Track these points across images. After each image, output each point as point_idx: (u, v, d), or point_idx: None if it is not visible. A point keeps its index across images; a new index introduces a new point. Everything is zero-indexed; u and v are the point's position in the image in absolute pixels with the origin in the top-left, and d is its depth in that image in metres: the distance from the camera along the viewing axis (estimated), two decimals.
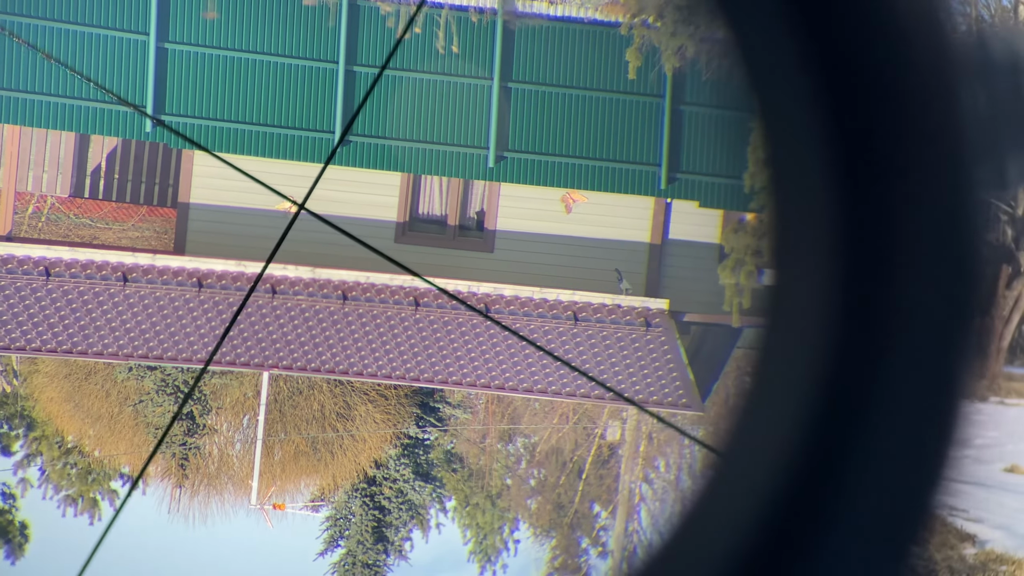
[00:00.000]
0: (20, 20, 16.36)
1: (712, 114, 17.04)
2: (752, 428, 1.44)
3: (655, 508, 26.03)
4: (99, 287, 16.97)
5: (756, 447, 1.42)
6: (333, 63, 16.75)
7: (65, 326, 16.77)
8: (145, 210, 19.91)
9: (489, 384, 17.22)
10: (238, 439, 24.06)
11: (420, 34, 16.67)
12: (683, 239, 18.01)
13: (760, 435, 1.43)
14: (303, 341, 17.02)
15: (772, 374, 1.43)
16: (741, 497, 1.41)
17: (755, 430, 1.44)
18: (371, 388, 23.12)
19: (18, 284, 16.84)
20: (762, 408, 1.43)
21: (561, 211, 17.87)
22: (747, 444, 1.44)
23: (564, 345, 17.19)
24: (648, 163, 17.09)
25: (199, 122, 16.72)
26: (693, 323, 18.80)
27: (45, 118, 16.68)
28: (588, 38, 16.95)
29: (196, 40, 16.62)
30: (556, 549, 26.77)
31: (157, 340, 16.86)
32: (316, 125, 16.86)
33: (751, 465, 1.42)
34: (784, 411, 1.41)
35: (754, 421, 1.44)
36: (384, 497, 24.68)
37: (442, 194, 18.00)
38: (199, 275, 17.05)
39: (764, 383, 1.44)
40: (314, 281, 17.16)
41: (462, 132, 16.97)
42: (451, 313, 17.21)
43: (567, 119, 17.02)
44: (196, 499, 24.21)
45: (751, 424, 1.45)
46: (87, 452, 24.82)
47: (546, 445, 26.31)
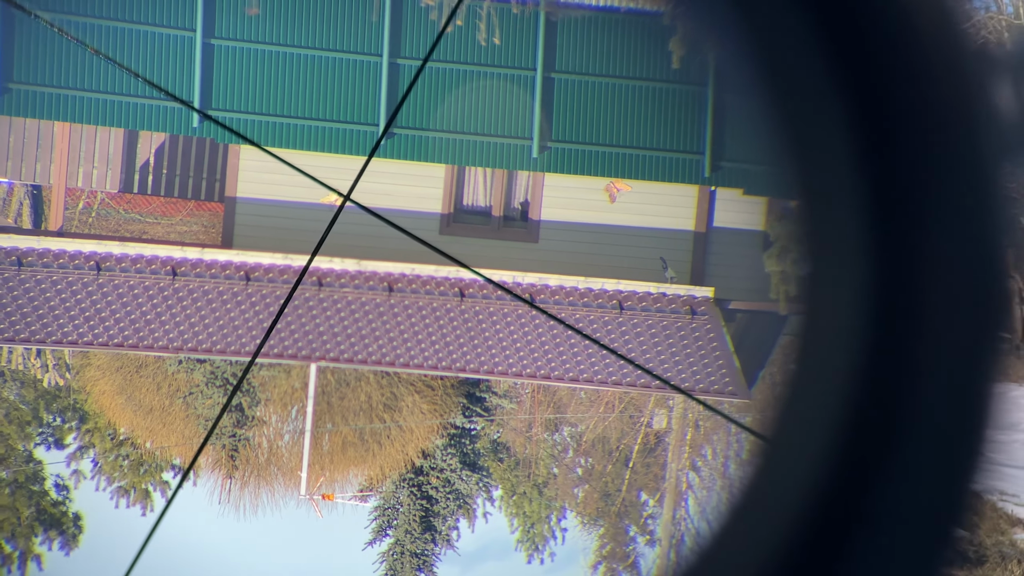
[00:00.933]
0: (68, 18, 16.56)
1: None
2: (796, 416, 1.47)
3: (702, 496, 26.00)
4: (148, 281, 17.16)
5: (800, 435, 1.45)
6: (377, 56, 16.84)
7: (116, 320, 16.97)
8: (193, 205, 20.10)
9: (535, 374, 17.28)
10: (287, 430, 24.24)
11: (462, 26, 16.73)
12: (728, 227, 17.98)
13: (804, 423, 1.46)
14: (350, 333, 17.14)
15: (812, 362, 1.46)
16: (788, 485, 1.45)
17: (799, 418, 1.46)
18: (418, 379, 23.23)
19: (70, 279, 17.05)
20: (804, 397, 1.46)
21: (605, 200, 17.89)
22: (792, 432, 1.47)
23: (610, 334, 17.22)
24: (692, 151, 17.07)
25: (245, 117, 16.87)
26: (739, 311, 18.77)
27: (94, 115, 16.87)
28: (631, 28, 16.95)
29: (241, 36, 16.76)
30: (604, 537, 26.80)
31: (206, 333, 17.03)
32: (360, 118, 16.96)
33: (797, 453, 1.45)
34: (825, 399, 1.43)
35: (797, 409, 1.47)
36: (431, 487, 24.80)
37: (486, 185, 18.06)
38: (246, 268, 17.21)
39: (805, 371, 1.47)
40: (360, 273, 17.28)
41: (505, 123, 17.01)
42: (496, 303, 17.28)
43: (610, 109, 17.03)
44: (246, 490, 24.43)
45: (795, 412, 1.48)
46: (139, 444, 25.08)
47: (592, 434, 26.33)
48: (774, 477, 1.47)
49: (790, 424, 1.46)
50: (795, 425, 1.44)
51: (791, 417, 1.46)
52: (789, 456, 1.45)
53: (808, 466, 1.42)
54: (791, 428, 1.46)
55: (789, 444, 1.45)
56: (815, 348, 1.43)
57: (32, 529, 25.20)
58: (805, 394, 1.44)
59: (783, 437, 1.46)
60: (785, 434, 1.46)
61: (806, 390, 1.44)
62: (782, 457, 1.46)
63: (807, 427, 1.42)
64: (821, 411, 1.41)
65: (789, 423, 1.46)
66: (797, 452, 1.44)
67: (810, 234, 1.45)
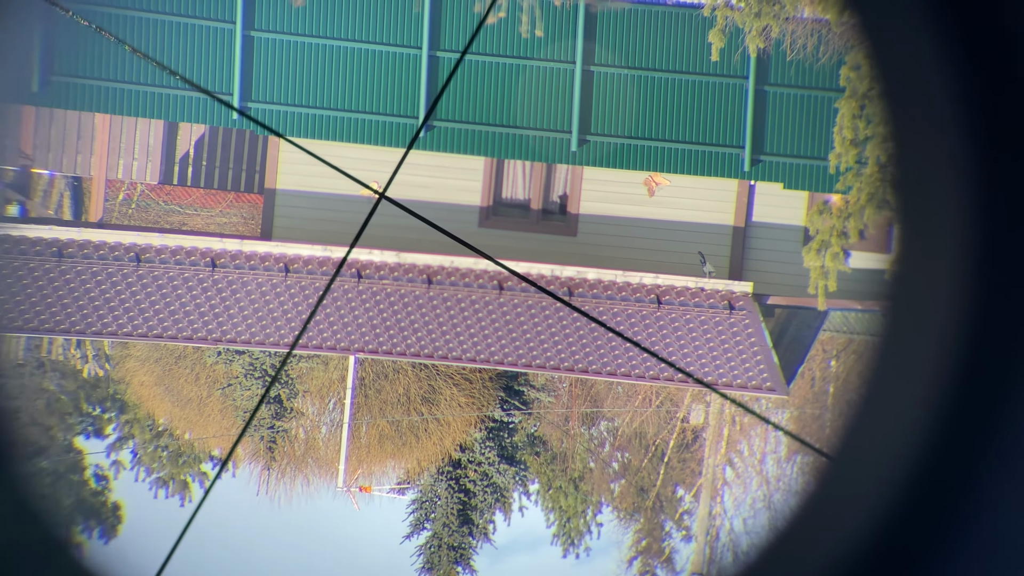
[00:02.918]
0: (110, 11, 16.64)
1: (797, 95, 16.89)
2: (869, 432, 1.35)
3: (739, 493, 25.90)
4: (188, 272, 17.23)
5: (872, 453, 1.33)
6: (417, 48, 16.84)
7: (155, 311, 17.05)
8: (232, 196, 20.17)
9: (572, 367, 17.25)
10: (324, 422, 24.31)
11: (504, 18, 16.71)
12: (767, 221, 17.90)
13: (877, 440, 1.33)
14: (388, 325, 17.16)
15: (894, 372, 1.34)
16: (852, 506, 1.32)
17: (872, 434, 1.34)
18: (456, 371, 23.25)
19: (110, 270, 17.14)
20: (882, 409, 1.34)
21: (644, 194, 17.84)
22: (862, 449, 1.35)
23: (648, 328, 17.17)
24: (732, 145, 17.00)
25: (285, 108, 16.91)
26: (777, 306, 18.68)
27: (134, 106, 16.96)
28: (671, 20, 16.88)
29: (281, 28, 16.80)
30: (640, 532, 26.75)
31: (244, 324, 17.09)
32: (400, 110, 16.97)
33: (865, 472, 1.33)
34: (906, 414, 1.31)
35: (871, 424, 1.35)
36: (469, 480, 24.81)
37: (525, 178, 18.04)
38: (286, 260, 17.25)
39: (885, 380, 1.35)
40: (399, 265, 17.29)
41: (545, 116, 16.99)
42: (535, 296, 17.27)
43: (650, 102, 16.97)
44: (284, 481, 24.52)
45: (868, 427, 1.35)
46: (178, 435, 25.20)
47: (629, 428, 26.28)
48: (836, 496, 1.35)
49: (860, 441, 1.35)
50: (865, 442, 1.33)
51: (861, 433, 1.34)
52: (854, 475, 1.33)
53: (875, 488, 1.30)
54: (860, 445, 1.34)
55: (856, 463, 1.34)
56: (898, 355, 1.33)
57: (73, 518, 25.37)
58: (880, 407, 1.33)
59: (850, 454, 1.35)
60: (853, 451, 1.35)
61: (882, 402, 1.33)
62: (846, 476, 1.34)
63: (878, 445, 1.31)
64: (897, 428, 1.30)
65: (859, 440, 1.35)
66: (864, 472, 1.32)
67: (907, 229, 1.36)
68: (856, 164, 14.05)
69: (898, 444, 1.26)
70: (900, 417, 1.26)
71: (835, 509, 1.25)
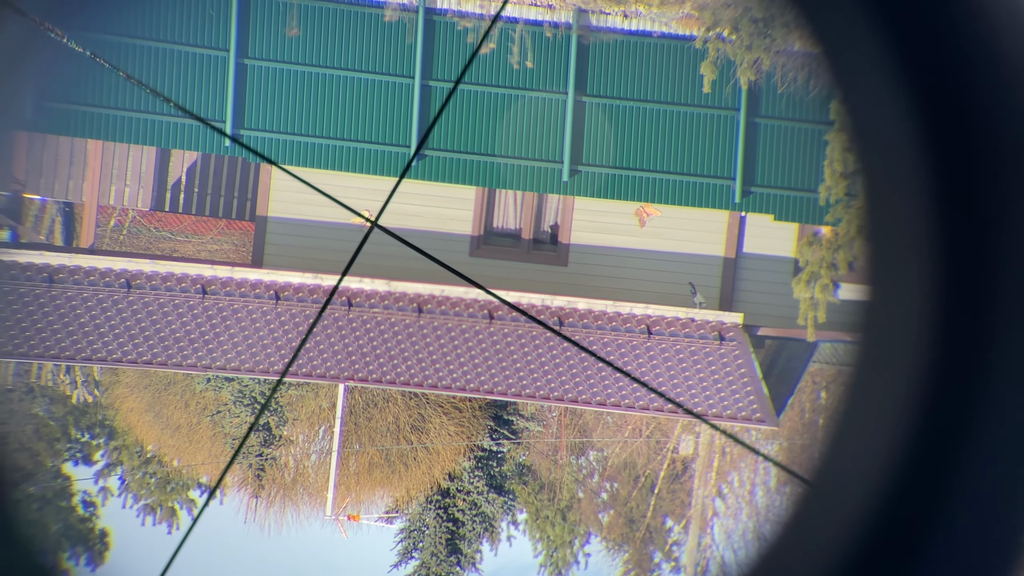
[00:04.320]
0: (104, 37, 16.68)
1: (787, 127, 16.97)
2: (844, 456, 1.34)
3: (728, 524, 25.87)
4: (179, 299, 17.22)
5: (848, 476, 1.32)
6: (409, 78, 16.90)
7: (145, 337, 17.04)
8: (224, 223, 20.19)
9: (562, 397, 17.25)
10: (314, 450, 24.26)
11: (495, 49, 16.78)
12: (758, 253, 17.94)
13: (853, 463, 1.33)
14: (378, 353, 17.16)
15: (866, 396, 1.33)
16: (831, 528, 1.32)
17: (847, 458, 1.34)
18: (445, 400, 23.23)
19: (100, 296, 17.14)
20: (855, 434, 1.34)
21: (635, 225, 17.88)
22: (838, 473, 1.34)
23: (638, 359, 17.19)
24: (723, 176, 17.05)
25: (277, 136, 16.95)
26: (768, 337, 18.70)
27: (126, 133, 16.99)
28: (662, 52, 16.97)
29: (275, 56, 16.85)
30: (629, 563, 26.69)
31: (235, 352, 17.07)
32: (392, 139, 17.02)
33: (842, 495, 1.32)
34: (880, 437, 1.31)
35: (846, 448, 1.34)
36: (458, 509, 24.76)
37: (516, 208, 18.08)
38: (276, 288, 17.26)
39: (858, 406, 1.34)
40: (390, 294, 17.30)
41: (537, 146, 17.04)
42: (525, 326, 17.28)
43: (641, 133, 17.03)
44: (272, 509, 24.45)
45: (843, 451, 1.35)
46: (166, 462, 25.13)
47: (618, 459, 26.25)
48: (814, 520, 1.34)
49: (836, 465, 1.34)
50: (841, 465, 1.32)
51: (837, 457, 1.33)
52: (832, 498, 1.33)
53: (853, 510, 1.30)
54: (837, 469, 1.33)
55: (833, 486, 1.33)
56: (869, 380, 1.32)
57: (60, 544, 25.27)
58: (854, 432, 1.32)
59: (827, 479, 1.34)
60: (830, 475, 1.34)
61: (856, 427, 1.32)
62: (824, 499, 1.33)
63: (854, 468, 1.30)
64: (872, 451, 1.29)
65: (835, 463, 1.34)
66: (841, 495, 1.31)
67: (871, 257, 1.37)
68: (846, 196, 14.10)
69: (874, 468, 1.26)
70: (875, 441, 1.26)
71: (814, 535, 1.25)
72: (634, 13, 16.83)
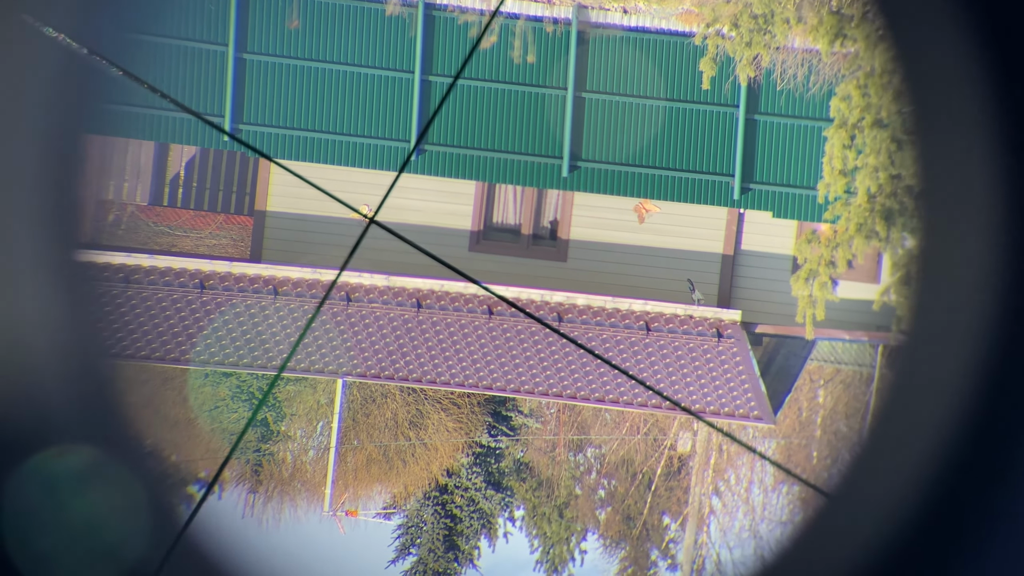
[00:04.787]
0: (102, 33, 16.65)
1: (786, 124, 16.97)
2: (872, 469, 1.30)
3: (726, 522, 25.88)
4: (177, 294, 17.21)
5: (872, 492, 1.28)
6: (409, 73, 16.89)
7: (143, 332, 17.02)
8: (222, 218, 20.17)
9: (561, 393, 17.25)
10: (312, 446, 24.25)
11: (496, 44, 16.78)
12: (756, 250, 17.94)
13: (880, 478, 1.28)
14: (377, 349, 17.15)
15: (905, 409, 1.29)
16: (848, 545, 1.28)
17: (875, 472, 1.29)
18: (444, 396, 23.22)
19: (99, 291, 17.11)
20: (890, 446, 1.29)
21: (635, 221, 17.89)
22: (862, 488, 1.30)
23: (636, 355, 17.18)
24: (722, 173, 17.05)
25: (276, 131, 16.93)
26: (765, 335, 18.71)
27: (125, 127, 16.96)
28: (662, 48, 16.96)
29: (274, 51, 16.84)
30: (625, 560, 26.70)
31: (233, 347, 17.06)
32: (391, 134, 17.01)
33: (863, 511, 1.27)
34: (915, 452, 1.26)
35: (877, 460, 1.29)
36: (456, 505, 24.75)
37: (516, 203, 18.07)
38: (275, 282, 17.24)
39: (897, 417, 1.30)
40: (389, 289, 17.29)
41: (537, 141, 17.04)
42: (524, 322, 17.27)
43: (641, 129, 17.03)
44: (270, 504, 24.44)
45: (872, 464, 1.30)
46: (164, 457, 25.10)
47: (616, 456, 26.26)
48: (830, 534, 1.29)
49: (861, 479, 1.28)
50: (866, 480, 1.27)
51: (864, 470, 1.28)
52: (851, 514, 1.27)
53: (874, 529, 1.25)
54: (860, 484, 1.28)
55: (854, 501, 1.27)
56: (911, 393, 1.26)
57: None
58: (890, 442, 1.28)
59: (848, 493, 1.28)
60: (852, 490, 1.28)
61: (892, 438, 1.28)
62: (843, 515, 1.27)
63: (880, 484, 1.25)
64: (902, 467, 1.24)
65: (860, 477, 1.28)
66: (862, 511, 1.25)
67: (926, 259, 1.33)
68: (845, 194, 14.11)
69: (901, 484, 1.23)
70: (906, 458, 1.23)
71: (832, 546, 1.22)
72: (634, 9, 16.83)
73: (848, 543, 1.18)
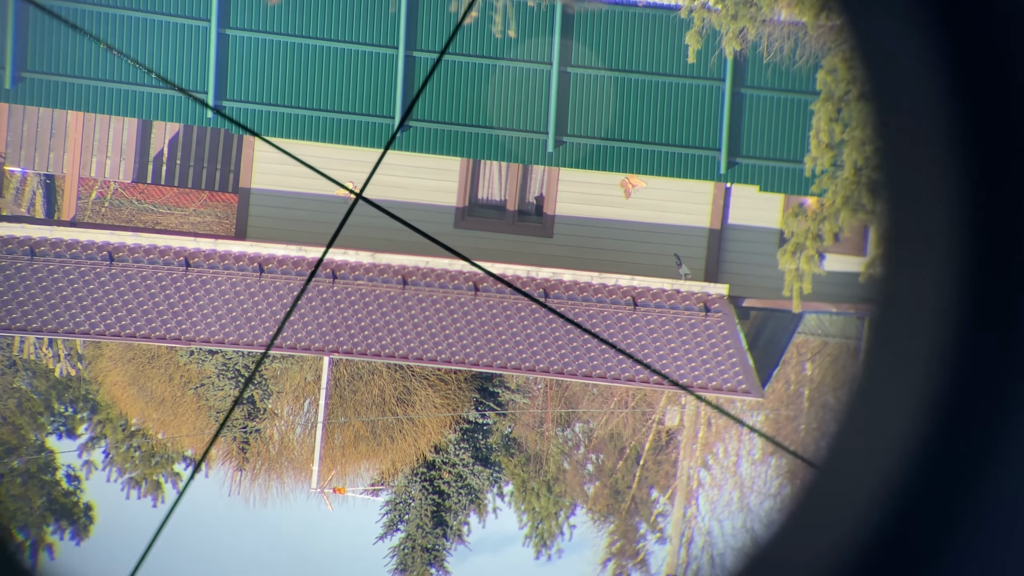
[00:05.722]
0: (84, 8, 16.53)
1: (773, 98, 16.91)
2: (859, 442, 1.27)
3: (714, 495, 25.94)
4: (161, 272, 17.14)
5: (862, 463, 1.25)
6: (393, 49, 16.79)
7: (128, 310, 16.96)
8: (207, 195, 20.08)
9: (548, 369, 17.23)
10: (299, 423, 24.24)
11: (478, 19, 16.68)
12: (743, 224, 17.92)
13: (868, 449, 1.26)
14: (363, 326, 17.11)
15: (883, 380, 1.27)
16: (841, 516, 1.25)
17: (862, 444, 1.27)
18: (431, 373, 23.21)
19: (82, 269, 17.04)
20: (872, 418, 1.27)
21: (620, 196, 17.83)
22: (851, 459, 1.27)
23: (623, 330, 17.16)
24: (708, 147, 17.00)
25: (260, 108, 16.83)
26: (753, 308, 18.70)
27: (108, 104, 16.86)
28: (647, 22, 16.88)
29: (257, 26, 16.72)
30: (614, 534, 26.77)
31: (218, 324, 17.01)
32: (376, 110, 16.92)
33: (854, 482, 1.25)
34: (898, 422, 1.24)
35: (862, 433, 1.27)
36: (443, 481, 24.77)
37: (501, 179, 18.01)
38: (260, 260, 17.18)
39: (875, 389, 1.27)
40: (374, 266, 17.24)
41: (521, 117, 16.97)
42: (510, 298, 17.24)
43: (626, 104, 16.97)
44: (257, 482, 24.43)
45: (857, 436, 1.28)
46: (150, 435, 25.09)
47: (604, 430, 26.29)
48: (823, 507, 1.27)
49: (849, 450, 1.27)
50: (855, 452, 1.25)
51: (851, 442, 1.26)
52: (843, 486, 1.25)
53: (865, 499, 1.23)
54: (849, 455, 1.26)
55: (845, 473, 1.26)
56: (887, 362, 1.26)
57: (44, 519, 25.24)
58: (870, 416, 1.25)
59: (838, 465, 1.27)
60: (842, 462, 1.27)
61: (872, 412, 1.25)
62: (834, 486, 1.26)
63: (869, 455, 1.23)
64: (889, 437, 1.22)
65: (848, 449, 1.27)
66: (853, 482, 1.24)
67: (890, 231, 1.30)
68: (832, 167, 14.08)
69: (888, 455, 1.19)
70: (890, 427, 1.20)
71: (822, 519, 1.18)
72: None
73: (840, 515, 1.16)
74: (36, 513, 25.08)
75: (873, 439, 1.24)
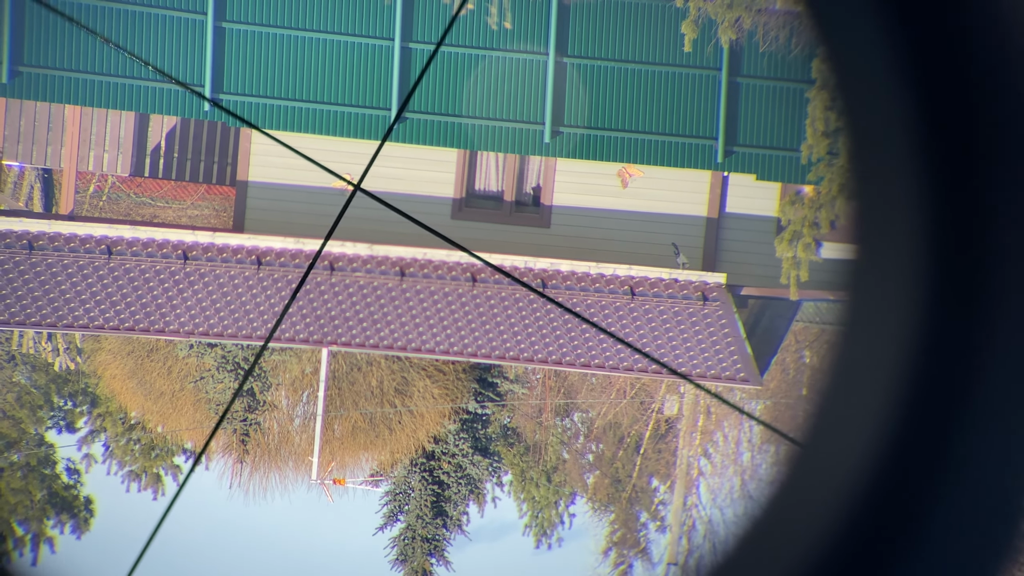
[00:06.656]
0: (80, 1, 16.53)
1: (769, 86, 16.92)
2: (838, 417, 1.31)
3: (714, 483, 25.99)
4: (160, 265, 17.15)
5: (842, 438, 1.29)
6: (389, 40, 16.79)
7: (127, 304, 16.97)
8: (204, 188, 20.09)
9: (546, 359, 17.25)
10: (298, 415, 24.27)
11: (473, 10, 16.68)
12: (740, 212, 17.93)
13: (847, 425, 1.30)
14: (362, 318, 17.13)
15: (859, 357, 1.31)
16: (824, 491, 1.29)
17: (841, 420, 1.30)
18: (429, 364, 23.23)
19: (80, 263, 17.05)
20: (849, 395, 1.31)
21: (617, 186, 17.84)
22: (832, 435, 1.31)
23: (621, 320, 17.19)
24: (705, 136, 17.01)
25: (257, 100, 16.84)
26: (751, 297, 18.73)
27: (105, 98, 16.85)
28: (643, 11, 16.88)
29: (253, 19, 16.72)
30: (615, 523, 26.82)
31: (217, 317, 17.02)
32: (373, 102, 16.93)
33: (836, 458, 1.29)
34: (874, 398, 1.28)
35: (840, 409, 1.31)
36: (443, 472, 24.82)
37: (498, 170, 18.02)
38: (258, 253, 17.19)
39: (850, 367, 1.31)
40: (372, 258, 17.25)
41: (518, 108, 16.97)
42: (508, 289, 17.26)
43: (623, 93, 16.97)
44: (257, 474, 24.47)
45: (837, 413, 1.31)
46: (150, 428, 25.13)
47: (603, 420, 26.32)
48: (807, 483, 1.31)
49: (829, 427, 1.31)
50: (835, 428, 1.29)
51: (831, 419, 1.30)
52: (825, 461, 1.30)
53: (847, 473, 1.27)
54: (830, 431, 1.30)
55: (826, 449, 1.30)
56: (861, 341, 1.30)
57: (44, 512, 25.28)
58: (847, 392, 1.29)
59: (820, 441, 1.31)
60: (823, 438, 1.31)
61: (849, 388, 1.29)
62: (817, 462, 1.31)
63: (849, 431, 1.27)
64: (866, 413, 1.26)
65: (829, 426, 1.31)
66: (835, 458, 1.29)
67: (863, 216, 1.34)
68: (828, 155, 14.10)
69: (867, 430, 1.22)
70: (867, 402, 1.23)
71: (808, 496, 1.21)
72: None
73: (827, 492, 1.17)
74: (36, 507, 25.12)
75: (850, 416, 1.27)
